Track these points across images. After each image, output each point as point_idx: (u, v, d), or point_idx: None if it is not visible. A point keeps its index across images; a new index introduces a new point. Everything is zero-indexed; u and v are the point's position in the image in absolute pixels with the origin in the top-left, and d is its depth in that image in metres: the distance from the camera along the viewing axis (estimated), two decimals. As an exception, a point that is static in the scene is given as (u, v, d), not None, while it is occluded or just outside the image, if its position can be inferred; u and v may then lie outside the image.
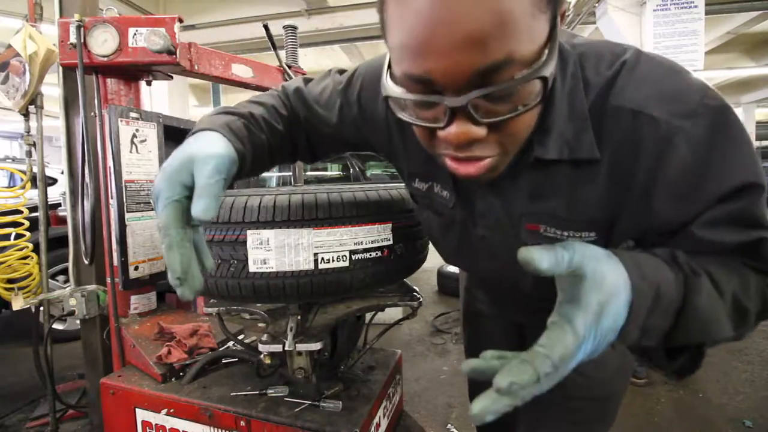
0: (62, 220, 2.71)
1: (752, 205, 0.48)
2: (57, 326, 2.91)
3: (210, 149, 0.54)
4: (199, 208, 0.48)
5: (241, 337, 1.32)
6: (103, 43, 1.27)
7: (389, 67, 0.49)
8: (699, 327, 0.46)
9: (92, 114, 1.39)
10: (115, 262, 1.32)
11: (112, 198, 1.30)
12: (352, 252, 0.83)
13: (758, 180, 0.48)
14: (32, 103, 1.69)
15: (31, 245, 1.83)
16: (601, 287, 0.40)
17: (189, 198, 0.51)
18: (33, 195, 1.85)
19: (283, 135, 0.73)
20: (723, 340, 0.49)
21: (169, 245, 0.49)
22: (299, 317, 0.94)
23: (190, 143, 0.57)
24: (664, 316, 0.44)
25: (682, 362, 0.51)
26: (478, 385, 1.14)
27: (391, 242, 0.86)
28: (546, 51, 0.43)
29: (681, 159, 0.47)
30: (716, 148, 0.47)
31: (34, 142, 1.74)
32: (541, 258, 0.40)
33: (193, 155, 0.53)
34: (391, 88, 0.48)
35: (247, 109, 0.68)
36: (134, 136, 1.33)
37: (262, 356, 0.92)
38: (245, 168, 0.63)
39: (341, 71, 0.78)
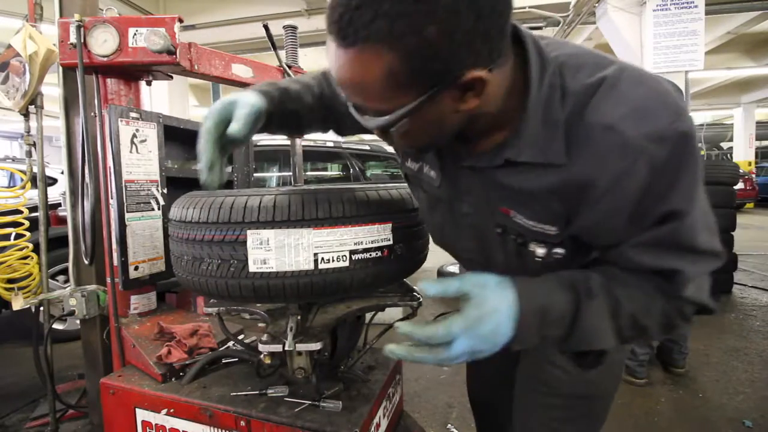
0: (62, 220, 2.71)
1: (676, 232, 0.54)
2: (57, 326, 2.91)
3: (247, 99, 0.71)
4: (233, 129, 0.68)
5: (241, 337, 1.32)
6: (103, 43, 1.27)
7: None
8: (584, 338, 0.58)
9: (92, 114, 1.39)
10: (115, 262, 1.31)
11: (112, 198, 1.30)
12: (352, 252, 0.83)
13: (688, 208, 0.53)
14: (32, 103, 1.69)
15: (31, 245, 1.83)
16: (480, 306, 0.54)
17: (226, 125, 0.69)
18: (33, 195, 1.85)
19: (312, 107, 0.83)
20: (608, 348, 0.61)
21: (206, 141, 0.68)
22: (299, 317, 0.94)
23: (237, 93, 0.74)
24: (557, 327, 0.57)
25: (589, 360, 0.73)
26: (478, 386, 1.14)
27: (391, 242, 0.86)
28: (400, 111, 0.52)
29: (639, 181, 0.52)
30: (670, 174, 0.51)
31: (34, 142, 1.74)
32: (429, 287, 0.56)
33: (236, 99, 0.71)
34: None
35: (285, 85, 0.81)
36: (134, 136, 1.33)
37: (262, 356, 0.92)
38: (273, 123, 0.77)
39: None
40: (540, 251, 0.65)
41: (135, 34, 1.26)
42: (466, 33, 0.46)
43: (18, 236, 1.82)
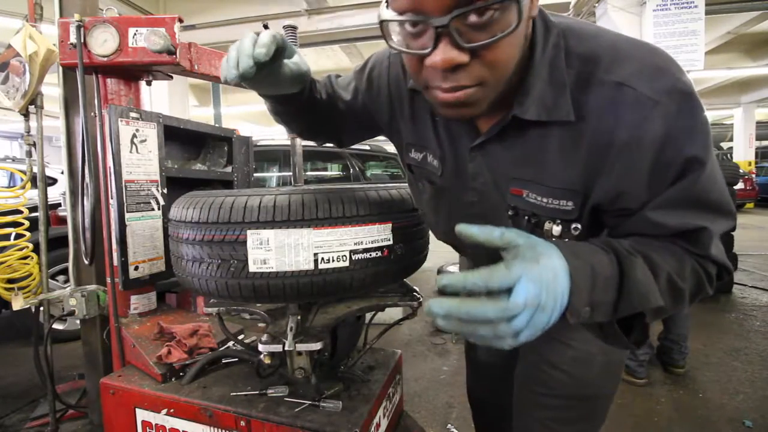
0: (62, 220, 2.71)
1: (697, 183, 0.54)
2: (57, 326, 2.91)
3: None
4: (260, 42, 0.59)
5: (241, 337, 1.32)
6: (103, 43, 1.27)
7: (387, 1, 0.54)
8: (639, 296, 0.52)
9: (92, 114, 1.39)
10: (115, 262, 1.32)
11: (112, 198, 1.30)
12: (352, 252, 0.83)
13: (705, 157, 0.53)
14: (32, 103, 1.69)
15: (31, 245, 1.83)
16: (533, 249, 0.47)
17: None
18: (33, 195, 1.84)
19: (321, 105, 0.83)
20: (659, 311, 0.55)
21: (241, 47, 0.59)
22: (299, 317, 0.94)
23: None
24: (606, 291, 0.51)
25: (635, 335, 0.58)
26: (477, 386, 1.14)
27: (391, 242, 0.86)
28: None
29: (657, 132, 0.52)
30: (684, 122, 0.52)
31: (34, 142, 1.74)
32: (474, 230, 0.49)
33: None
34: (385, 13, 0.53)
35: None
36: (134, 136, 1.33)
37: (262, 356, 0.92)
38: (304, 94, 0.75)
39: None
40: (556, 229, 0.63)
41: (135, 34, 1.26)
42: None
43: (18, 236, 1.81)
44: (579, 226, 0.62)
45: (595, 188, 0.58)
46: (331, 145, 0.97)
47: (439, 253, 0.98)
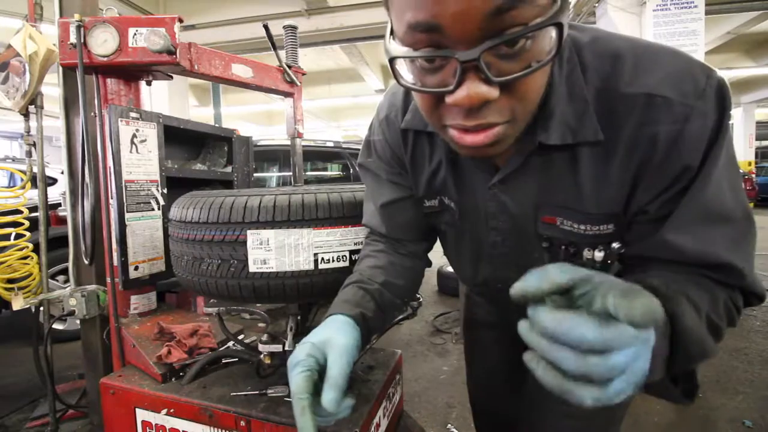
0: (62, 220, 2.71)
1: (719, 190, 0.49)
2: (57, 326, 2.91)
3: (341, 340, 0.56)
4: (328, 400, 0.49)
5: (241, 337, 1.32)
6: (103, 43, 1.26)
7: (392, 32, 0.47)
8: (697, 347, 0.44)
9: (92, 114, 1.39)
10: (115, 262, 1.31)
11: (112, 198, 1.30)
12: (352, 252, 0.83)
13: (733, 151, 0.51)
14: (32, 103, 1.69)
15: (31, 245, 1.83)
16: (610, 282, 0.36)
17: (320, 371, 0.53)
18: (33, 195, 1.85)
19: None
20: (709, 358, 0.48)
21: (302, 409, 0.49)
22: (299, 317, 0.94)
23: (328, 325, 0.60)
24: (662, 345, 0.41)
25: (683, 385, 0.49)
26: (478, 390, 1.13)
27: (391, 242, 0.86)
28: None
29: (697, 137, 0.48)
30: (723, 122, 0.48)
31: (34, 142, 1.74)
32: (531, 281, 0.37)
33: (329, 340, 0.56)
34: (395, 48, 0.45)
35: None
36: (134, 136, 1.33)
37: (262, 356, 0.92)
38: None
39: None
40: (598, 255, 0.57)
41: (135, 34, 1.26)
42: None
43: (18, 236, 1.81)
44: (620, 244, 0.57)
45: (632, 205, 0.54)
46: (332, 144, 0.97)
47: (439, 253, 0.98)
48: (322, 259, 0.80)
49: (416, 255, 0.80)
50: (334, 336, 0.56)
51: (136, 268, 1.34)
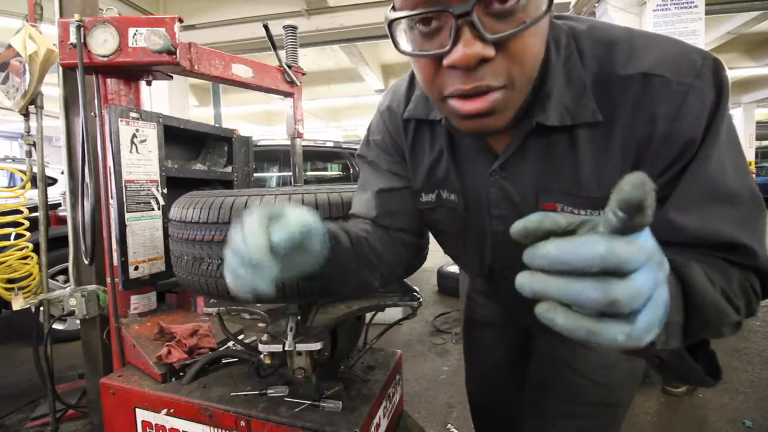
0: (62, 220, 2.71)
1: (721, 169, 0.49)
2: (57, 326, 2.91)
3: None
4: (278, 236, 0.44)
5: (241, 337, 1.32)
6: (103, 43, 1.27)
7: (393, 8, 0.49)
8: (712, 309, 0.41)
9: (92, 114, 1.39)
10: (115, 262, 1.31)
11: (112, 198, 1.30)
12: (352, 252, 0.82)
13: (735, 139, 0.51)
14: (32, 103, 1.69)
15: (31, 245, 1.83)
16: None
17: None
18: (33, 195, 1.85)
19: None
20: (732, 326, 0.47)
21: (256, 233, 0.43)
22: (299, 317, 0.94)
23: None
24: (673, 309, 0.38)
25: (705, 364, 0.47)
26: (477, 388, 1.13)
27: (391, 242, 0.86)
28: None
29: (696, 115, 0.48)
30: (721, 101, 0.49)
31: (34, 142, 1.74)
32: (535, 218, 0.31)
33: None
34: (392, 14, 0.48)
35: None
36: (134, 136, 1.33)
37: (262, 356, 0.92)
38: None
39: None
40: None
41: (135, 34, 1.26)
42: None
43: (18, 236, 1.82)
44: None
45: None
46: (332, 144, 0.97)
47: (439, 253, 0.98)
48: (322, 259, 0.80)
49: (402, 242, 0.77)
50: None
51: (136, 268, 1.34)
